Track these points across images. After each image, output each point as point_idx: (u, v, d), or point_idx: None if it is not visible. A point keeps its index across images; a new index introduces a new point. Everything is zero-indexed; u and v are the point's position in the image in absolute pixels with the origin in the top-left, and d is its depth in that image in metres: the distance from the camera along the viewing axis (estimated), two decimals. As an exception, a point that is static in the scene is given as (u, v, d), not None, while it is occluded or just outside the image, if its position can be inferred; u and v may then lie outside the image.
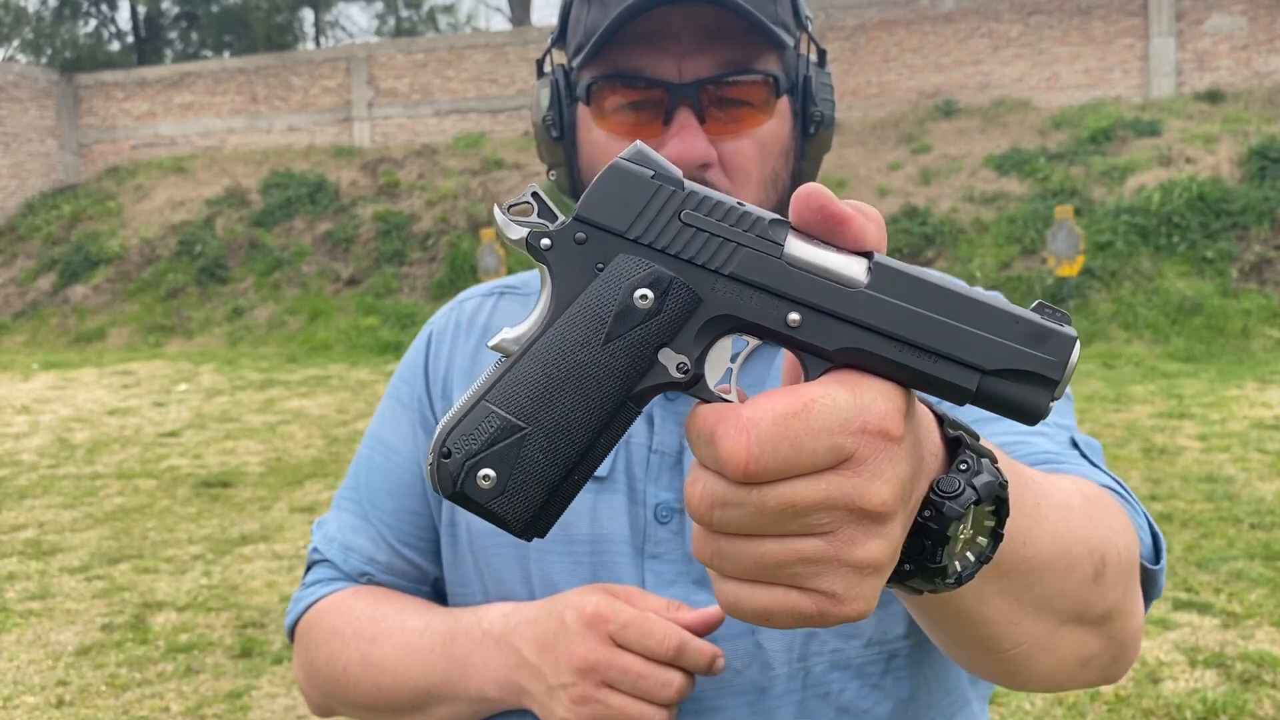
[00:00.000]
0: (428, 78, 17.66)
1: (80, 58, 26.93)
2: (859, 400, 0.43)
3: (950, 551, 0.49)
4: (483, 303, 0.98)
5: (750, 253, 0.43)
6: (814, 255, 0.44)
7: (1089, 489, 0.68)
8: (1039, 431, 0.80)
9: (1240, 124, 13.19)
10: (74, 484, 7.05)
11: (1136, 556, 0.70)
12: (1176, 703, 3.46)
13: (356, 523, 0.95)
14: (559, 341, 0.44)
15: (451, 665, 0.83)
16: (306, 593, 0.96)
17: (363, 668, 0.88)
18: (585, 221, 0.45)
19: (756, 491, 0.43)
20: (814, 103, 0.88)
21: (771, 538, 0.44)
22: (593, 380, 0.43)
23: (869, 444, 0.43)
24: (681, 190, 0.44)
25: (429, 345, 0.98)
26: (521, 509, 0.44)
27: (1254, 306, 11.10)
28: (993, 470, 0.49)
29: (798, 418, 0.42)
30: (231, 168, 17.82)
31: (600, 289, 0.44)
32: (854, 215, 0.47)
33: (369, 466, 0.97)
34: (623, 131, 0.84)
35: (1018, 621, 0.60)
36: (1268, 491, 5.81)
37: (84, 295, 16.21)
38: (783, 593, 0.45)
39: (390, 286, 14.86)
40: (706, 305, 0.44)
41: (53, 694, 3.81)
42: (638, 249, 0.44)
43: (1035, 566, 0.58)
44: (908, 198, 13.56)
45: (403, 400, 0.97)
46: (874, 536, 0.44)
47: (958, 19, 15.14)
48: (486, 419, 0.44)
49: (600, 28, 0.82)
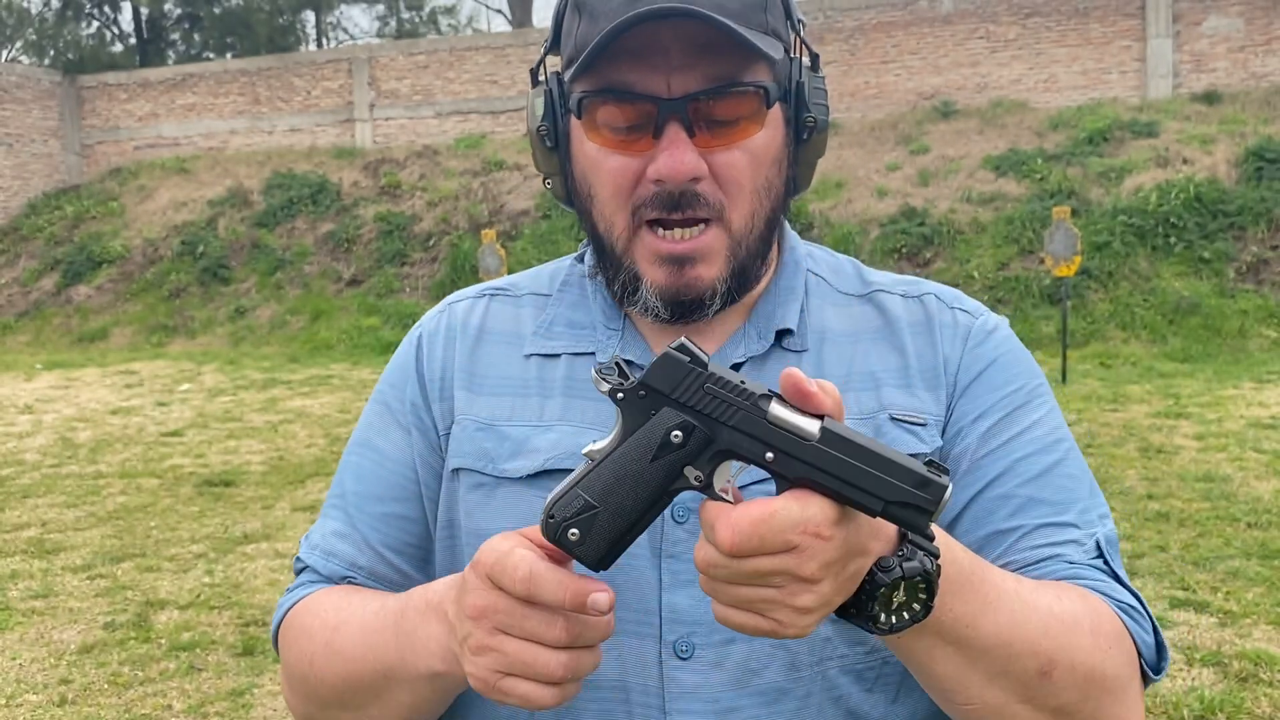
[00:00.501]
0: (429, 79, 17.69)
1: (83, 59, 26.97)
2: (805, 512, 0.64)
3: (883, 607, 0.69)
4: (474, 304, 0.98)
5: (745, 414, 0.67)
6: (786, 416, 0.67)
7: (1073, 609, 0.79)
8: (1071, 539, 0.85)
9: (1237, 125, 13.21)
10: (77, 483, 7.08)
11: (1112, 673, 0.79)
12: (1174, 701, 3.46)
13: (341, 528, 0.94)
14: (623, 457, 0.69)
15: (402, 640, 0.81)
16: (286, 599, 0.94)
17: (326, 656, 0.86)
18: (646, 385, 0.69)
19: (736, 562, 0.65)
20: (807, 109, 0.88)
21: (745, 586, 0.66)
22: (643, 482, 0.69)
23: (807, 540, 0.64)
24: (705, 370, 0.68)
25: (420, 348, 0.97)
26: (595, 555, 0.70)
27: (1250, 306, 11.11)
28: (924, 560, 0.70)
29: (764, 521, 0.64)
30: (234, 169, 17.85)
31: (651, 428, 0.69)
32: (815, 392, 0.67)
33: (356, 472, 0.95)
34: (614, 145, 0.84)
35: (967, 685, 0.76)
36: (1264, 490, 5.83)
37: (87, 295, 16.25)
38: (751, 617, 0.67)
39: (392, 287, 14.89)
40: (716, 443, 0.68)
41: (55, 692, 3.83)
42: (676, 405, 0.68)
43: (978, 647, 0.75)
44: (906, 199, 13.58)
45: (392, 406, 0.96)
46: (807, 592, 0.66)
47: (956, 20, 15.16)
48: (576, 499, 0.70)
49: (590, 41, 0.82)
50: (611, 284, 0.89)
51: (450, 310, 0.99)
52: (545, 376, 0.91)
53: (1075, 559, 0.84)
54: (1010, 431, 0.88)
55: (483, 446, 0.90)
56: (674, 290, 0.85)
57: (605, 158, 0.85)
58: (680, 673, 0.83)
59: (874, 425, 0.87)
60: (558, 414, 0.89)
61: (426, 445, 0.93)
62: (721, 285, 0.86)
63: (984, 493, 0.86)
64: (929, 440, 0.87)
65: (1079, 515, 0.86)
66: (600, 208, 0.87)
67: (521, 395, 0.91)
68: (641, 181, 0.84)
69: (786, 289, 0.93)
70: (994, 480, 0.86)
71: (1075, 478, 0.88)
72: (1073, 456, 0.89)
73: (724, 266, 0.86)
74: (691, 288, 0.85)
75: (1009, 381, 0.90)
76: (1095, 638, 0.79)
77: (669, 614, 0.84)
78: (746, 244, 0.86)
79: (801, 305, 0.93)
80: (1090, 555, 0.85)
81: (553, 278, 0.99)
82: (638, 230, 0.86)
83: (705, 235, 0.84)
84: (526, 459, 0.87)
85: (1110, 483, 6.08)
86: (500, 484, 0.88)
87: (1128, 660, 0.81)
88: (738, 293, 0.87)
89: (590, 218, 0.89)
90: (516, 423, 0.90)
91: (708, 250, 0.85)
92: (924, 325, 0.93)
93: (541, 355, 0.93)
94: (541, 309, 0.96)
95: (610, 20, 0.81)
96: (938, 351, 0.91)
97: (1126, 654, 0.81)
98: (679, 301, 0.86)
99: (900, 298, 0.95)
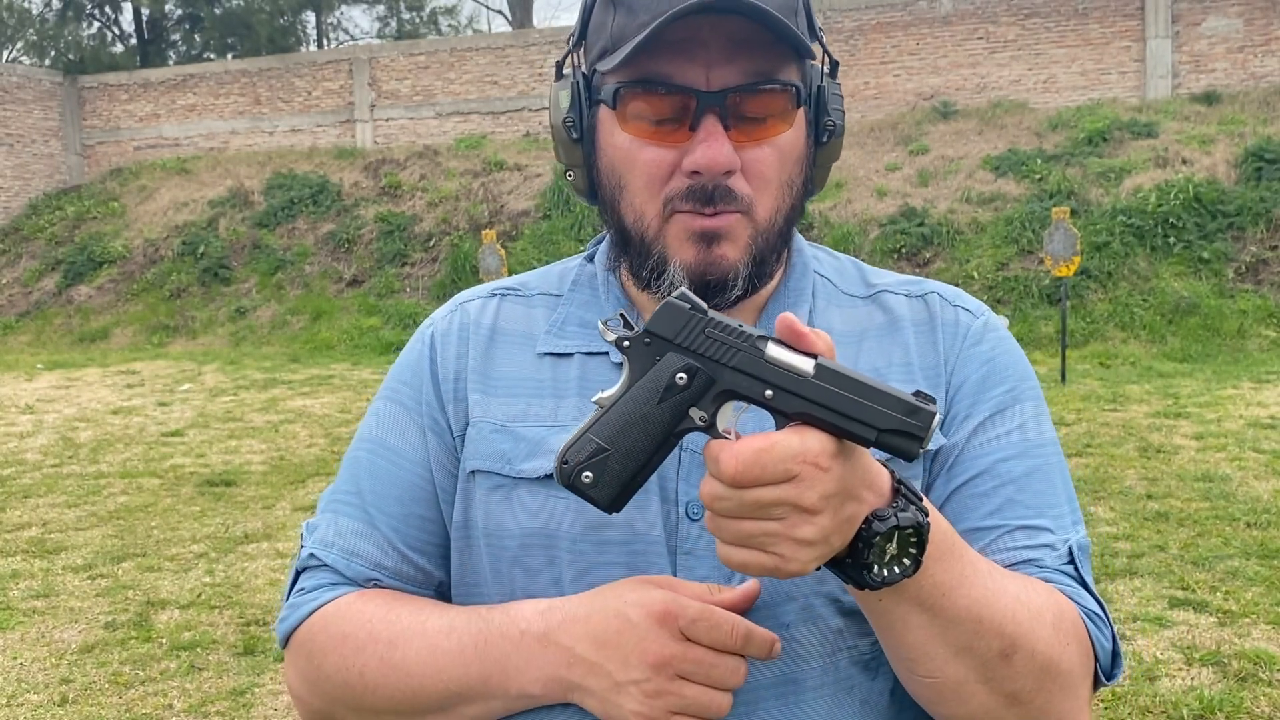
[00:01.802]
0: (429, 80, 17.70)
1: (84, 60, 26.96)
2: (803, 444, 0.68)
3: (878, 558, 0.72)
4: (485, 304, 0.99)
5: (744, 354, 0.71)
6: (782, 355, 0.70)
7: (1038, 601, 0.82)
8: (1045, 543, 0.87)
9: (1236, 125, 13.21)
10: (78, 483, 7.09)
11: (1066, 668, 0.82)
12: (1173, 700, 3.47)
13: (361, 528, 0.93)
14: (631, 401, 0.73)
15: (488, 666, 0.83)
16: (305, 599, 0.92)
17: (383, 671, 0.86)
18: (651, 333, 0.73)
19: (739, 493, 0.68)
20: (826, 112, 0.90)
21: (748, 520, 0.69)
22: (651, 424, 0.73)
23: (806, 470, 0.68)
24: (706, 315, 0.72)
25: (433, 348, 0.97)
26: (607, 496, 0.74)
27: (1250, 307, 11.12)
28: (917, 511, 0.73)
29: (765, 451, 0.67)
30: (235, 169, 17.85)
31: (657, 372, 0.73)
32: (808, 333, 0.71)
33: (372, 470, 0.94)
34: (649, 136, 0.85)
35: (932, 656, 0.79)
36: (1263, 490, 5.84)
37: (88, 295, 16.26)
38: (753, 554, 0.70)
39: (392, 287, 14.90)
40: (717, 384, 0.72)
41: (56, 692, 3.84)
42: (679, 350, 0.72)
43: (949, 617, 0.77)
44: (905, 199, 13.59)
45: (405, 404, 0.95)
46: (808, 523, 0.69)
47: (955, 21, 15.16)
48: (588, 443, 0.73)
49: (628, 33, 0.83)
50: (639, 271, 0.90)
51: (462, 310, 0.99)
52: (559, 376, 0.92)
53: (1047, 563, 0.87)
54: (996, 430, 0.90)
55: (499, 448, 0.90)
56: (701, 268, 0.86)
57: (640, 149, 0.86)
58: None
59: None
60: (572, 414, 0.89)
61: (442, 446, 0.93)
62: (744, 270, 0.87)
63: (964, 489, 0.88)
64: (934, 438, 0.88)
65: (1054, 520, 0.88)
66: (631, 198, 0.88)
67: (536, 396, 0.92)
68: (675, 174, 0.85)
69: (796, 290, 0.94)
70: (975, 477, 0.88)
71: (1055, 482, 0.90)
72: (1055, 461, 0.91)
73: (746, 251, 0.87)
74: (717, 266, 0.86)
75: (1000, 381, 0.92)
76: (1056, 631, 0.81)
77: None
78: (768, 236, 0.88)
79: (810, 307, 0.94)
80: (1062, 561, 0.88)
81: (562, 277, 1.00)
82: (669, 219, 0.87)
83: (732, 217, 0.86)
84: (543, 459, 0.88)
85: (1109, 483, 6.09)
86: (518, 485, 0.89)
87: (1083, 659, 0.84)
88: (756, 280, 0.89)
89: (618, 209, 0.90)
90: (532, 423, 0.90)
91: (733, 230, 0.86)
92: (927, 324, 0.94)
93: (555, 355, 0.93)
94: (553, 308, 0.97)
95: (650, 13, 0.82)
96: (938, 350, 0.93)
97: (1083, 653, 0.84)
98: (704, 281, 0.87)
99: (904, 297, 0.96)
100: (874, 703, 0.86)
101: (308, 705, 0.93)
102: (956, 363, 0.92)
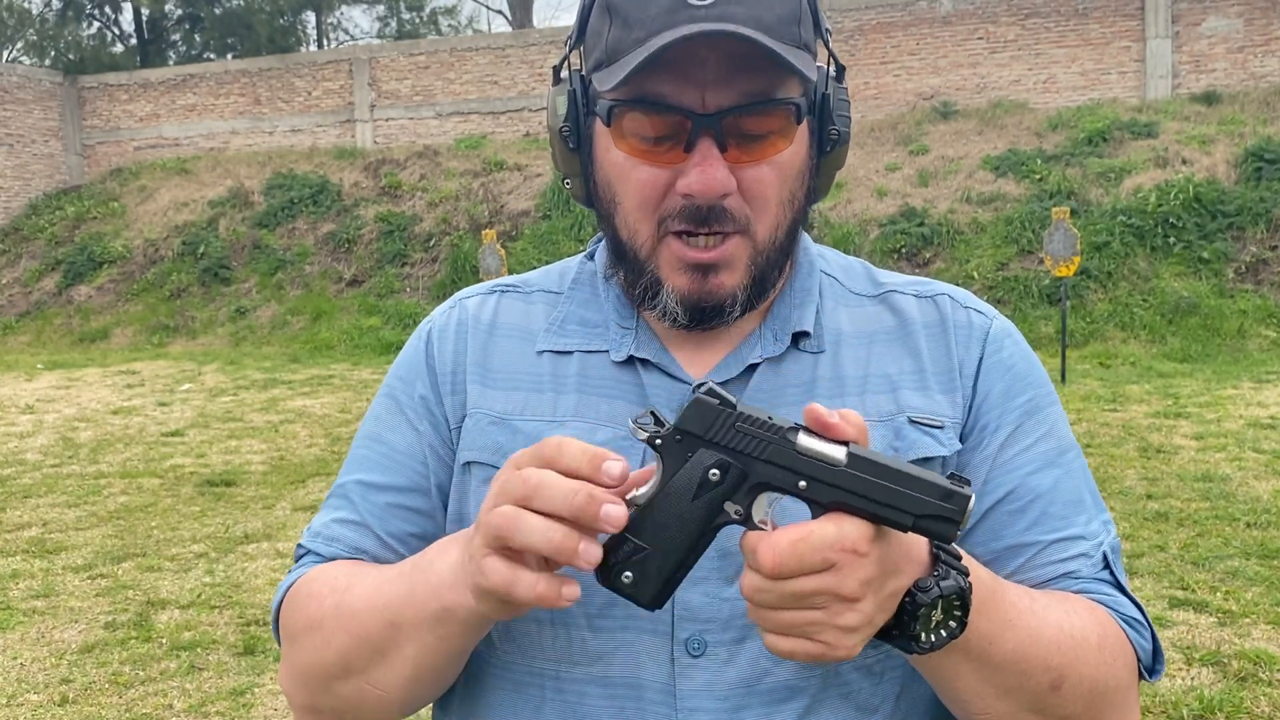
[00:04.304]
0: (429, 80, 17.70)
1: (84, 60, 26.97)
2: (840, 532, 0.68)
3: (924, 626, 0.73)
4: (485, 300, 0.98)
5: (775, 447, 0.71)
6: (814, 445, 0.70)
7: (1081, 624, 0.83)
8: (1080, 552, 0.88)
9: (1236, 125, 13.21)
10: (78, 483, 7.09)
11: (1114, 685, 0.84)
12: (1173, 700, 3.47)
13: (345, 516, 0.93)
14: (666, 499, 0.72)
15: (415, 578, 0.80)
16: (287, 578, 0.93)
17: (336, 619, 0.84)
18: (681, 430, 0.72)
19: (779, 584, 0.68)
20: (831, 121, 0.88)
21: (790, 610, 0.69)
22: (687, 521, 0.72)
23: (844, 557, 0.68)
24: (735, 410, 0.71)
25: (430, 343, 0.97)
26: (648, 594, 0.73)
27: (1249, 307, 11.12)
28: (959, 579, 0.73)
29: (803, 541, 0.67)
30: (235, 169, 17.86)
31: (690, 469, 0.72)
32: (838, 423, 0.70)
33: (362, 464, 0.95)
34: (642, 156, 0.83)
35: (984, 696, 0.80)
36: (1263, 490, 5.84)
37: (88, 295, 16.26)
38: (799, 642, 0.70)
39: (392, 287, 14.90)
40: (751, 477, 0.72)
41: (56, 692, 3.84)
42: (711, 446, 0.72)
43: (996, 663, 0.78)
44: (905, 199, 13.59)
45: (400, 400, 0.95)
46: (851, 611, 0.69)
47: (955, 21, 15.16)
48: (626, 544, 0.72)
49: (623, 47, 0.81)
50: (632, 288, 0.89)
51: (461, 306, 0.99)
52: (558, 373, 0.92)
53: (1084, 573, 0.88)
54: (1024, 442, 0.90)
55: (496, 440, 0.90)
56: (696, 297, 0.85)
57: (633, 167, 0.84)
58: (692, 670, 0.84)
59: (893, 428, 0.87)
60: (571, 410, 0.89)
61: (438, 438, 0.93)
62: (742, 294, 0.86)
63: (998, 507, 0.89)
64: (947, 443, 0.88)
65: (1085, 526, 0.89)
66: (624, 216, 0.87)
67: (535, 390, 0.91)
68: (669, 194, 0.83)
69: (802, 290, 0.93)
70: (1007, 495, 0.89)
71: (1080, 487, 0.91)
72: (1077, 465, 0.92)
73: (745, 275, 0.85)
74: (713, 295, 0.85)
75: (1022, 390, 0.92)
76: (1101, 652, 0.83)
77: (681, 611, 0.84)
78: (768, 254, 0.86)
79: (817, 307, 0.93)
80: (1097, 568, 0.89)
81: (562, 275, 0.99)
82: (662, 239, 0.85)
83: (729, 244, 0.84)
84: None
85: (1110, 483, 6.09)
86: None
87: (1128, 671, 0.86)
88: (756, 300, 0.88)
89: (612, 223, 0.88)
90: (529, 417, 0.90)
91: (731, 259, 0.84)
92: (938, 326, 0.93)
93: (554, 352, 0.93)
94: (553, 306, 0.96)
95: (645, 29, 0.80)
96: (952, 354, 0.92)
97: (1128, 666, 0.86)
98: (700, 308, 0.86)
99: (914, 298, 0.95)
100: (874, 708, 0.86)
101: (290, 695, 0.92)
102: (979, 372, 0.91)
